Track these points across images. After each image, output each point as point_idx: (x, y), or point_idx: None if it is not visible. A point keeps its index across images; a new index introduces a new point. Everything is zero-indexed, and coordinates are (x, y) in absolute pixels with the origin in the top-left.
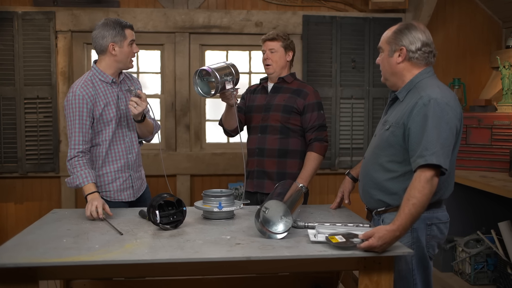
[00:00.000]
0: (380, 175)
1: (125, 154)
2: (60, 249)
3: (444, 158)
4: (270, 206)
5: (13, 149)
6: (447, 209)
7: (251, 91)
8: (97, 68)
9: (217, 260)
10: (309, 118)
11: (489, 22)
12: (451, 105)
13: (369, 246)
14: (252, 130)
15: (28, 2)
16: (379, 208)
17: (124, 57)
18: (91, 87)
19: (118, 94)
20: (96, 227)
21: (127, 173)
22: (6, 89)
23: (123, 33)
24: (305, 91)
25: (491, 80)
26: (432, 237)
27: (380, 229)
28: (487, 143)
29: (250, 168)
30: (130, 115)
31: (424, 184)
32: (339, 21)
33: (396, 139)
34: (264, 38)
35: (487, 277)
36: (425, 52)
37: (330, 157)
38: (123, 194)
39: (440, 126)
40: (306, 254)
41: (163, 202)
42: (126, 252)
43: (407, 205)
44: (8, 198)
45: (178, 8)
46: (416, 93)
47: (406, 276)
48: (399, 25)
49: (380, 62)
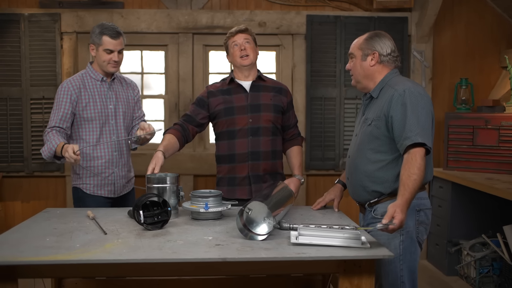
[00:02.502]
0: (369, 166)
1: (111, 152)
2: (40, 248)
3: (427, 138)
4: (254, 207)
5: (19, 148)
6: (451, 211)
7: (219, 91)
8: (90, 66)
9: (192, 261)
10: (292, 114)
11: (499, 20)
12: (423, 94)
13: (400, 221)
14: (238, 134)
15: (34, 4)
16: (372, 199)
17: (100, 61)
18: (79, 82)
19: (107, 92)
20: (82, 227)
21: (110, 169)
22: (13, 90)
23: (100, 38)
24: (284, 88)
25: (501, 80)
26: (420, 222)
27: (396, 204)
28: (495, 145)
29: (240, 174)
30: (119, 115)
31: (420, 161)
32: (343, 21)
33: (380, 131)
34: (236, 30)
35: (493, 281)
36: (393, 56)
37: (334, 158)
38: (103, 189)
39: (418, 111)
40: (283, 256)
41: (148, 202)
42: (104, 252)
43: (410, 181)
44: (15, 196)
45: (181, 8)
46: (389, 88)
47: (394, 261)
48: (369, 34)
49: (350, 67)
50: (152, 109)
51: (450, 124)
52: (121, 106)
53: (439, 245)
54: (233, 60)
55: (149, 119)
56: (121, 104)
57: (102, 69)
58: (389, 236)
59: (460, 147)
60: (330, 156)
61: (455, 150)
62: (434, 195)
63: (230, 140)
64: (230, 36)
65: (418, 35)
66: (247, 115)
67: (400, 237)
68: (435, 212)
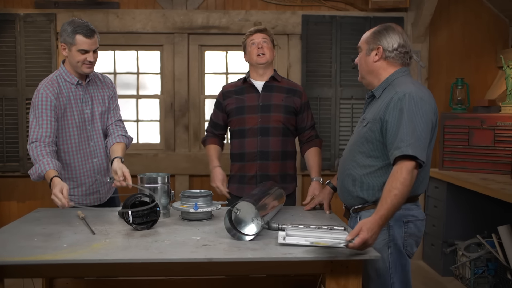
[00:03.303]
0: (358, 171)
1: (90, 159)
2: (27, 248)
3: (420, 150)
4: (242, 207)
5: (15, 148)
6: (447, 211)
7: (233, 92)
8: (64, 67)
9: (177, 261)
10: (306, 116)
11: (496, 20)
12: (426, 100)
13: (362, 240)
14: (248, 133)
15: (29, 4)
16: (356, 205)
17: (73, 61)
18: (55, 87)
19: (83, 97)
20: (71, 227)
21: (93, 177)
22: (8, 90)
23: (73, 38)
24: (298, 90)
25: (497, 80)
26: (410, 235)
27: (365, 222)
28: (490, 145)
29: (249, 173)
30: (96, 119)
31: (405, 175)
32: (339, 21)
33: (374, 135)
34: (255, 30)
35: (488, 282)
36: (401, 52)
37: (329, 158)
38: (88, 198)
39: (415, 119)
40: (269, 257)
41: (138, 202)
42: (91, 252)
43: (389, 196)
44: (10, 196)
45: (177, 8)
46: (391, 89)
47: (383, 275)
48: (378, 27)
49: (358, 61)
50: (148, 109)
51: (446, 124)
52: (98, 109)
53: (434, 246)
54: (250, 59)
55: (145, 119)
56: (97, 106)
57: (76, 70)
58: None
59: (455, 147)
60: (325, 156)
61: (451, 150)
62: (429, 196)
63: (241, 139)
64: (249, 35)
65: (414, 35)
66: (257, 114)
67: (388, 249)
68: (431, 213)
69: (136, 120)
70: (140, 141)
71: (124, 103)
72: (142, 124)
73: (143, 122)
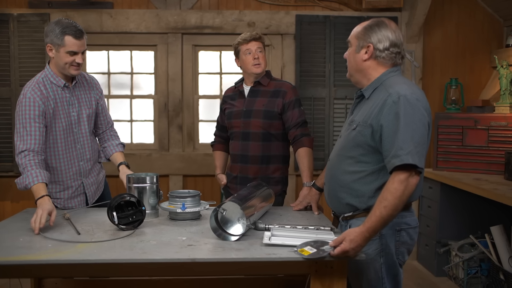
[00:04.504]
0: (347, 177)
1: (77, 162)
2: (12, 248)
3: (419, 157)
4: (228, 207)
5: (9, 148)
6: (441, 211)
7: (229, 97)
8: (49, 69)
9: (160, 261)
10: (291, 115)
11: (490, 20)
12: (421, 101)
13: (342, 251)
14: (234, 136)
15: (23, 4)
16: (346, 213)
17: (60, 63)
18: (42, 90)
19: (70, 99)
20: (58, 227)
21: (79, 180)
22: (2, 90)
23: (61, 39)
24: (283, 90)
25: (491, 80)
26: (402, 243)
27: (350, 232)
28: (484, 145)
29: (233, 173)
30: (83, 121)
31: (397, 186)
32: (332, 21)
33: (364, 139)
34: (250, 37)
35: (481, 282)
36: (392, 52)
37: (323, 158)
38: (73, 201)
39: (413, 124)
40: (253, 257)
41: (123, 202)
42: (75, 252)
43: (378, 208)
44: (4, 196)
45: (170, 8)
46: (383, 90)
47: (375, 286)
48: (370, 21)
49: (347, 56)
50: (142, 109)
51: (440, 124)
52: (85, 111)
53: (428, 246)
54: (245, 67)
55: (139, 119)
56: (84, 108)
57: (62, 72)
58: (368, 259)
59: (449, 148)
60: (319, 156)
61: (445, 150)
62: (423, 196)
63: (231, 141)
64: (244, 43)
65: (408, 35)
66: (241, 120)
67: (381, 259)
68: (425, 213)
69: (130, 120)
70: (134, 141)
71: (118, 103)
72: (136, 124)
73: (137, 122)
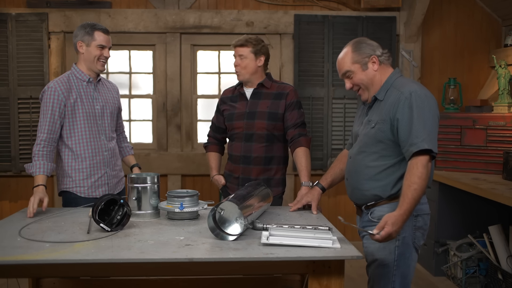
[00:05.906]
0: (371, 170)
1: (101, 152)
2: (9, 247)
3: (433, 143)
4: (226, 207)
5: (7, 148)
6: (439, 211)
7: (229, 98)
8: (76, 67)
9: (158, 261)
10: (291, 116)
11: (488, 20)
12: (429, 96)
13: (387, 233)
14: (235, 137)
15: (21, 3)
16: (369, 202)
17: (90, 57)
18: (66, 83)
19: (93, 94)
20: (56, 226)
21: (102, 170)
22: (0, 90)
23: (92, 34)
24: (285, 92)
25: (490, 79)
26: (418, 228)
27: (390, 216)
28: (482, 145)
29: (235, 174)
30: (106, 116)
31: (422, 170)
32: (331, 20)
33: (384, 134)
34: (234, 44)
35: (479, 282)
36: (385, 53)
37: (322, 158)
38: (97, 190)
39: (424, 115)
40: (250, 257)
41: (103, 205)
42: (72, 252)
43: (409, 191)
44: (2, 196)
45: (169, 8)
46: (395, 90)
47: (388, 265)
48: (352, 45)
49: (353, 83)
50: (140, 109)
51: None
52: (108, 107)
53: (427, 246)
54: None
55: (137, 118)
56: (108, 105)
57: (90, 68)
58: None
59: (448, 147)
60: (318, 156)
61: (443, 150)
62: None
63: (231, 142)
64: (232, 48)
65: (407, 35)
66: (243, 121)
67: (396, 242)
68: None
69: (129, 120)
70: (133, 140)
71: None
72: (135, 124)
73: (135, 122)
